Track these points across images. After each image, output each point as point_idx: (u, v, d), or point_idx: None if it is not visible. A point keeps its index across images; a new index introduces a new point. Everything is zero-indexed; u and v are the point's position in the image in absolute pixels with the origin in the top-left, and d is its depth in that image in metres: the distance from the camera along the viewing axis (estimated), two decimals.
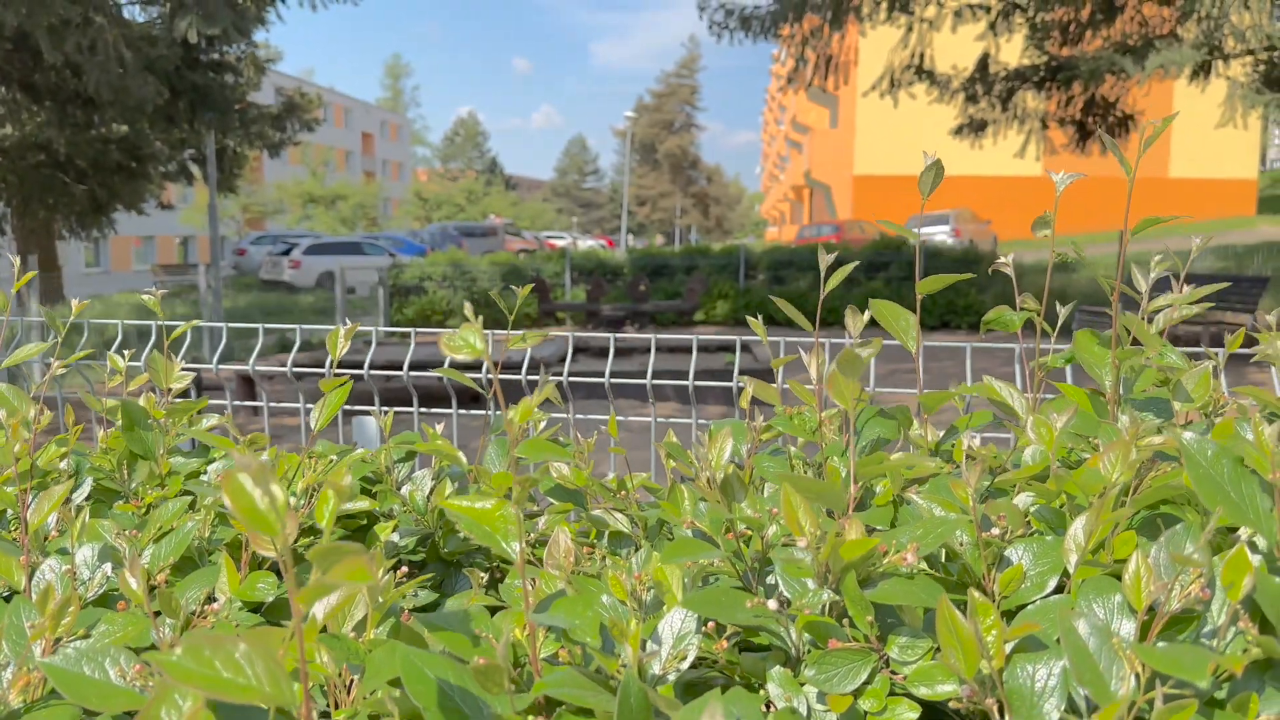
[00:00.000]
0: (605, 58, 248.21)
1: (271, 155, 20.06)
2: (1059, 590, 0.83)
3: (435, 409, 2.38)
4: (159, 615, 0.91)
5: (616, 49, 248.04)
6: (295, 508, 1.20)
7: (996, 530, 0.85)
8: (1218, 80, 13.72)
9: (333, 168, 55.88)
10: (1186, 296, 1.37)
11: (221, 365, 2.64)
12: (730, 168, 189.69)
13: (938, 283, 1.21)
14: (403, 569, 1.06)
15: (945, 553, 0.89)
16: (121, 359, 1.59)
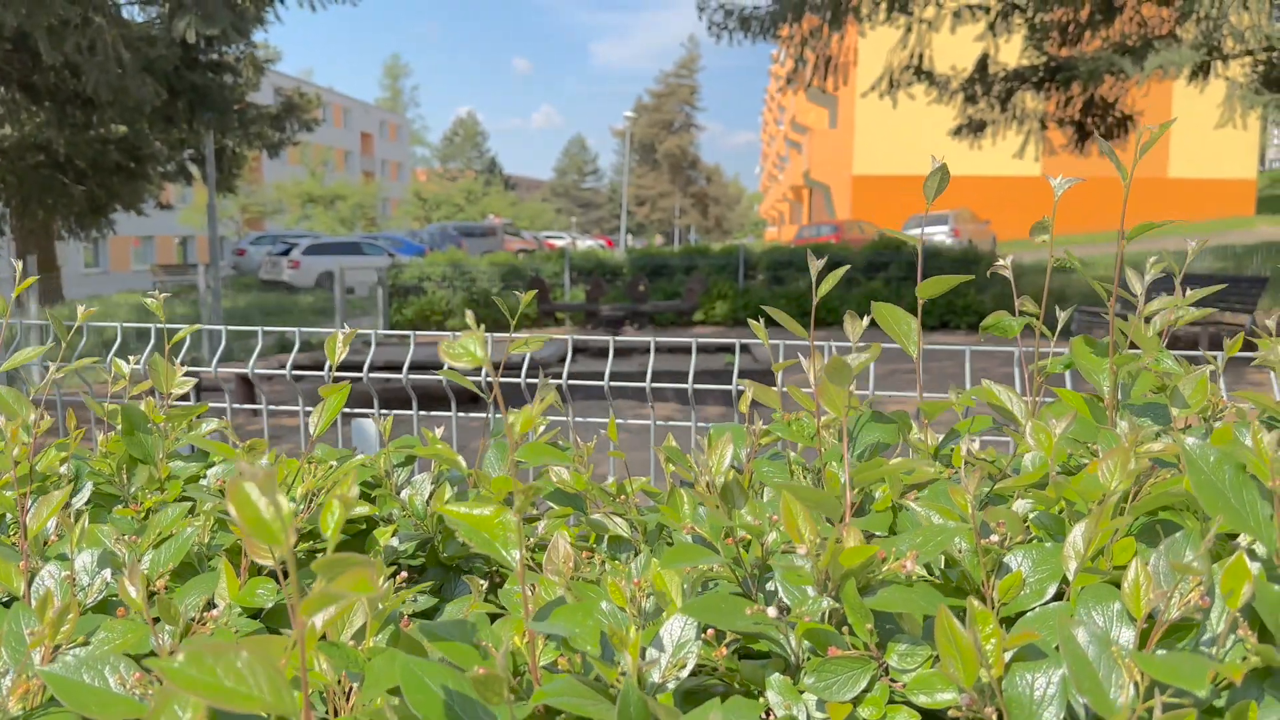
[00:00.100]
0: (605, 58, 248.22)
1: (270, 155, 20.07)
2: (1058, 597, 0.83)
3: (435, 410, 2.38)
4: (158, 622, 0.91)
5: (616, 49, 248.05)
6: (295, 513, 1.20)
7: (996, 537, 0.85)
8: (1217, 81, 13.73)
9: (332, 168, 55.87)
10: (1185, 299, 1.37)
11: (221, 367, 2.64)
12: (729, 168, 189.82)
13: (938, 286, 1.21)
14: (402, 574, 1.06)
15: (945, 559, 0.89)
16: (125, 363, 1.59)
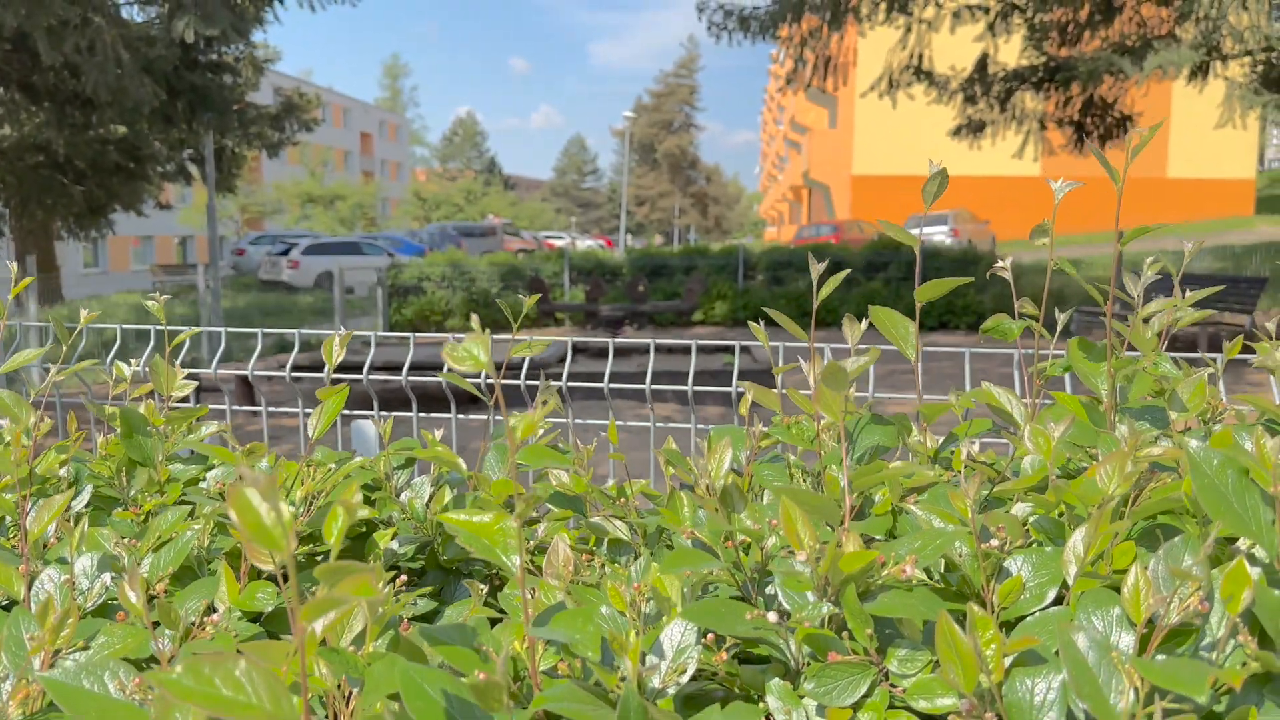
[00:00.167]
0: (604, 58, 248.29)
1: (270, 155, 20.07)
2: (1058, 602, 0.83)
3: (434, 410, 2.38)
4: (158, 626, 0.91)
5: (615, 49, 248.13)
6: (294, 516, 1.20)
7: (995, 541, 0.85)
8: (1216, 81, 13.74)
9: (331, 168, 55.86)
10: (1183, 302, 1.37)
11: (221, 368, 2.64)
12: (729, 167, 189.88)
13: (937, 289, 1.21)
14: (401, 577, 1.06)
15: (945, 563, 0.89)
16: (126, 366, 1.59)
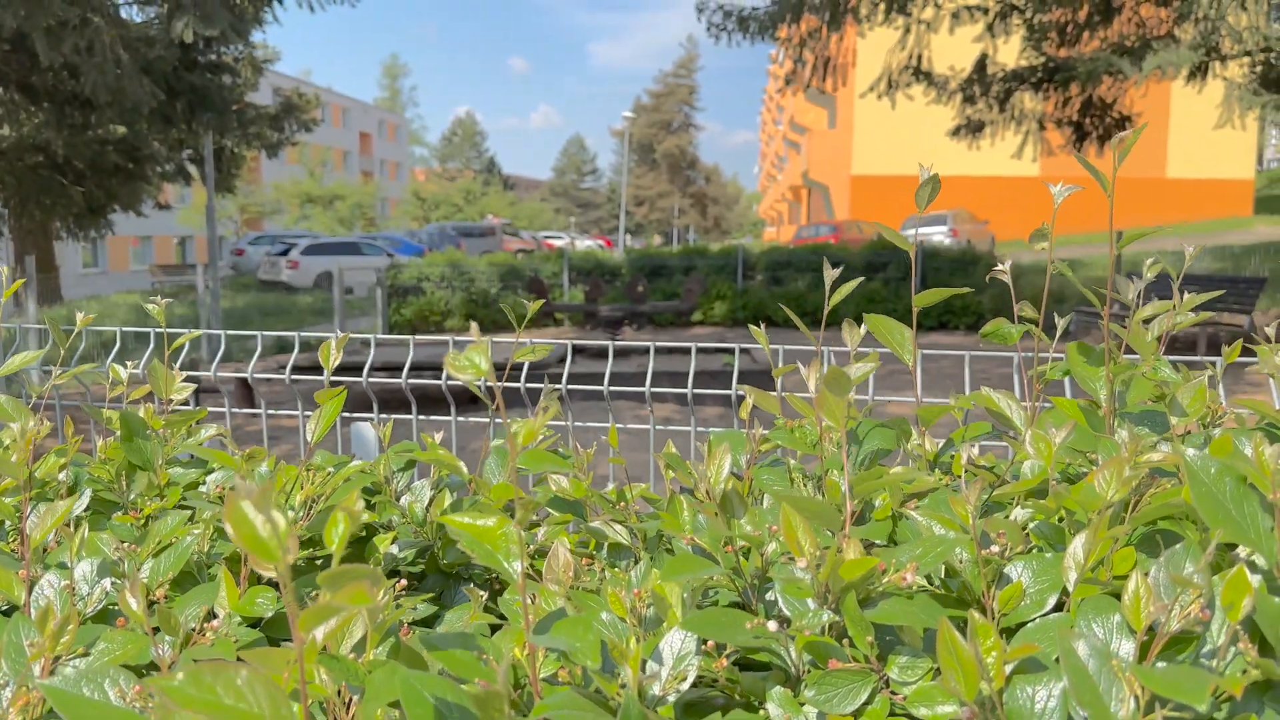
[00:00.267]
0: (603, 58, 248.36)
1: (269, 155, 20.08)
2: (1058, 607, 0.83)
3: (434, 412, 2.38)
4: (158, 632, 0.91)
5: (614, 49, 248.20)
6: (294, 520, 1.20)
7: (996, 548, 0.85)
8: (1215, 81, 13.74)
9: (330, 168, 55.85)
10: (1182, 305, 1.37)
11: (220, 368, 2.64)
12: (728, 167, 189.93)
13: (935, 296, 1.21)
14: (401, 582, 1.06)
15: (945, 569, 0.89)
16: (123, 369, 1.58)
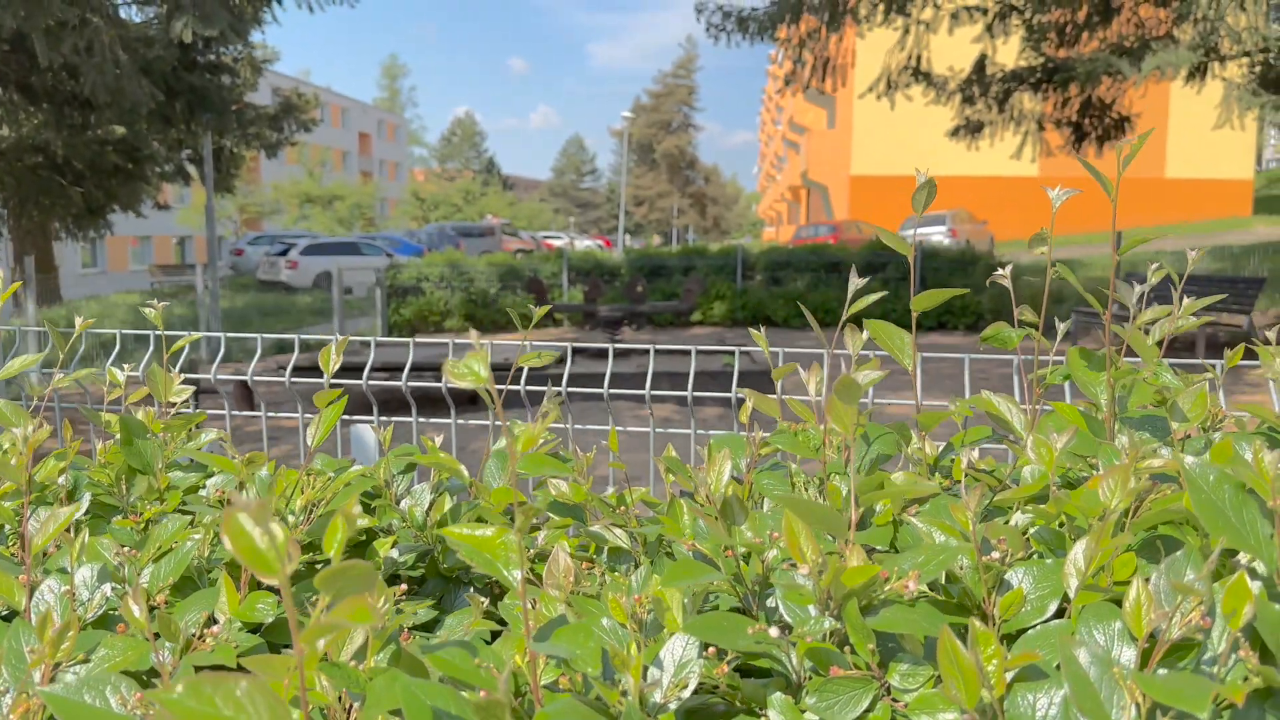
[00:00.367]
0: (603, 58, 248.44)
1: (268, 155, 20.08)
2: (1059, 614, 0.83)
3: (434, 412, 2.38)
4: (159, 638, 0.91)
5: (614, 50, 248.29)
6: (294, 525, 1.20)
7: (997, 554, 0.85)
8: (1214, 81, 13.74)
9: (330, 168, 55.82)
10: (1183, 310, 1.37)
11: (219, 369, 2.63)
12: (727, 168, 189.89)
13: (933, 299, 1.21)
14: (402, 586, 1.06)
15: (946, 575, 0.89)
16: (120, 372, 1.58)
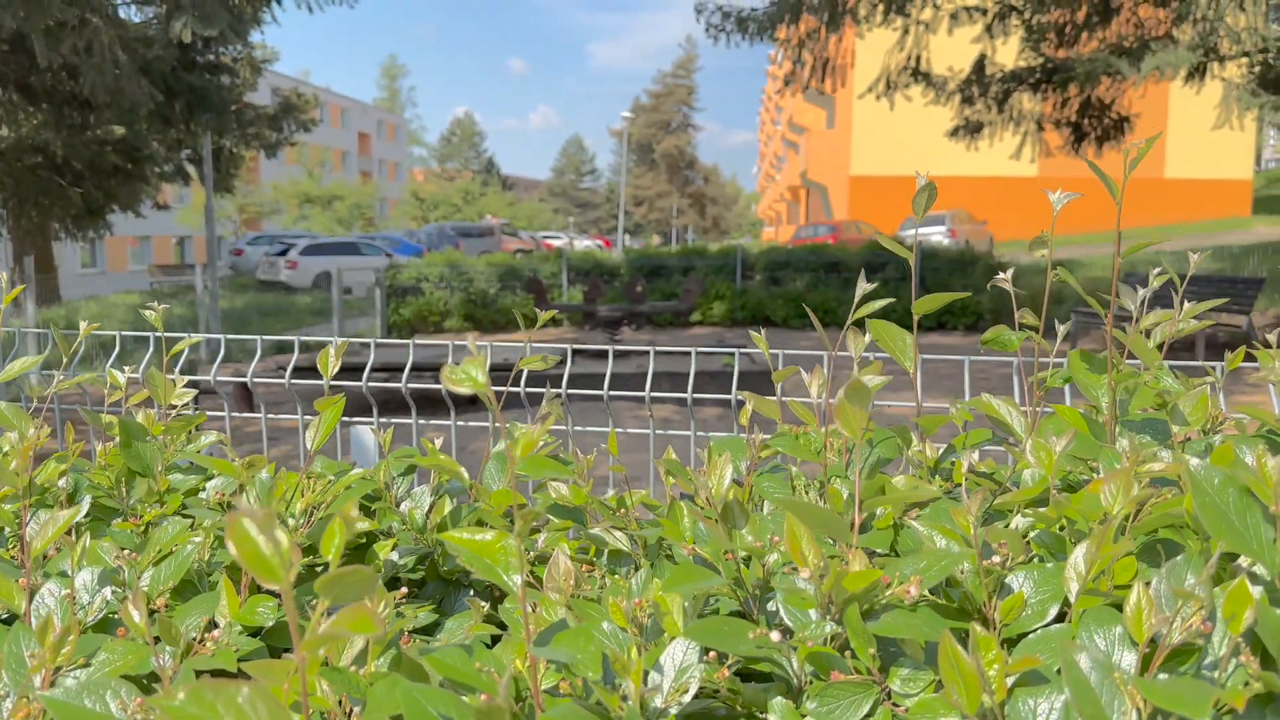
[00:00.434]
0: (602, 58, 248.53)
1: (268, 155, 20.07)
2: (1060, 617, 0.83)
3: (434, 412, 2.38)
4: (159, 642, 0.91)
5: (613, 50, 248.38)
6: (294, 528, 1.20)
7: (998, 558, 0.85)
8: (1213, 82, 13.75)
9: (329, 168, 55.81)
10: (1184, 314, 1.37)
11: (219, 370, 2.63)
12: (727, 168, 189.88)
13: (934, 303, 1.21)
14: (402, 590, 1.06)
15: (946, 579, 0.89)
16: (121, 375, 1.58)
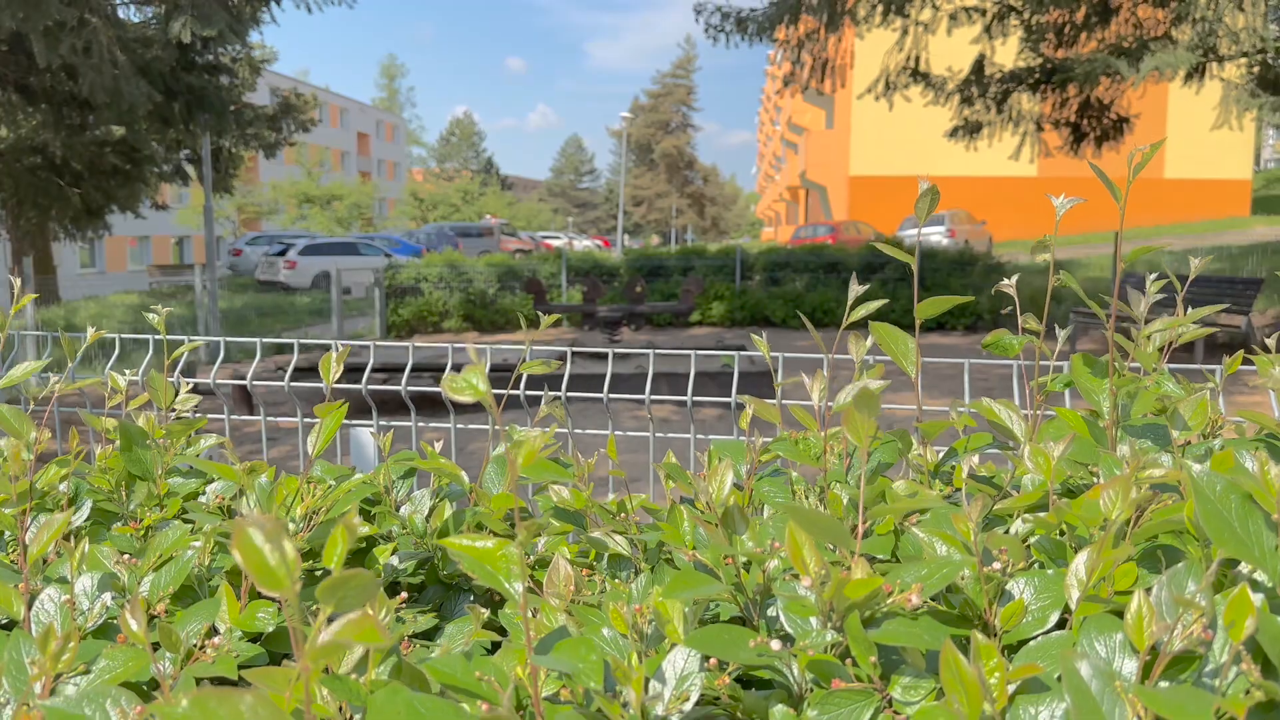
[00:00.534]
0: (601, 58, 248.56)
1: (267, 156, 20.09)
2: (1061, 624, 0.83)
3: (434, 413, 2.38)
4: (159, 648, 0.91)
5: (612, 49, 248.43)
6: (294, 533, 1.20)
7: (998, 565, 0.85)
8: (1212, 82, 13.76)
9: (328, 168, 55.77)
10: (1185, 318, 1.37)
11: (219, 371, 2.63)
12: (726, 168, 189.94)
13: (936, 307, 1.21)
14: (402, 594, 1.06)
15: (947, 586, 0.89)
16: (121, 378, 1.58)
